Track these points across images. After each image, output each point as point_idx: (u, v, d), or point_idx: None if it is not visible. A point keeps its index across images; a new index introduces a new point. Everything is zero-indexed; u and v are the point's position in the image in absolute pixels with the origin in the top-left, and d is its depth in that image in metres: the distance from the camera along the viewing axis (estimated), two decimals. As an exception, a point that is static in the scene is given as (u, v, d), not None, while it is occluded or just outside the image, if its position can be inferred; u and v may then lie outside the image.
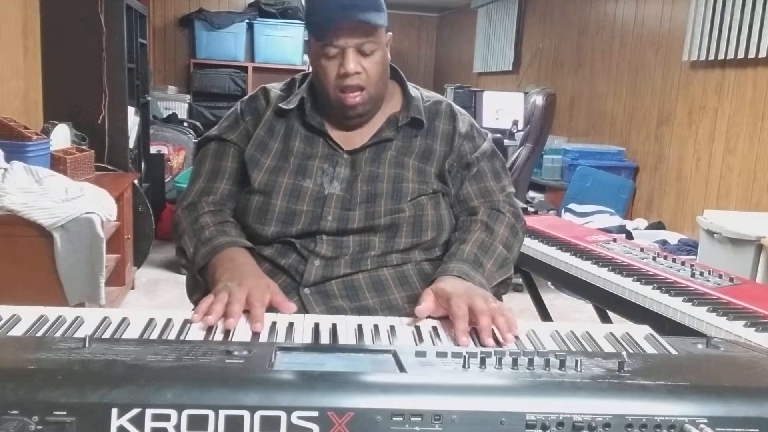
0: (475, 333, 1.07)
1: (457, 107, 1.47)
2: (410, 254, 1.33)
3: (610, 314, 2.13)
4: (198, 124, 5.90)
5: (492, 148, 1.46)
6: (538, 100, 4.13)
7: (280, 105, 1.40)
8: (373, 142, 1.37)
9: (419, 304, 1.14)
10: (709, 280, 1.69)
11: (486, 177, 1.42)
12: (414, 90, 1.45)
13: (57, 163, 3.08)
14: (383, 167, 1.35)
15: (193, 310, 1.12)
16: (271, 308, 1.14)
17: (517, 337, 1.06)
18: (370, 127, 1.39)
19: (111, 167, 3.72)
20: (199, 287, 1.30)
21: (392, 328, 1.09)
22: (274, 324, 1.08)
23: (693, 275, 1.73)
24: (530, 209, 3.92)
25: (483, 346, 1.03)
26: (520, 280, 3.48)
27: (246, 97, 1.49)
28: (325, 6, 1.27)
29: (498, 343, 1.04)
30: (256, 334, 1.04)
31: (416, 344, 1.03)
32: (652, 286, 1.64)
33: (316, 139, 1.38)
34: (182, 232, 1.35)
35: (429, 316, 1.15)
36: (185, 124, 5.83)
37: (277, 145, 1.38)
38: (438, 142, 1.40)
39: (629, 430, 0.73)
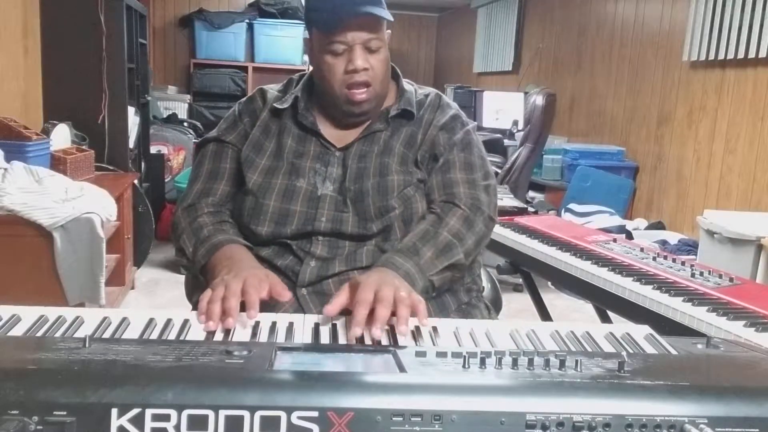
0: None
1: (446, 99, 1.46)
2: None
3: (610, 314, 2.13)
4: (198, 124, 5.91)
5: (466, 139, 1.40)
6: (538, 100, 4.13)
7: (275, 105, 1.41)
8: (362, 136, 1.38)
9: (333, 297, 1.10)
10: (709, 280, 1.69)
11: (453, 168, 1.37)
12: (408, 85, 1.46)
13: (57, 163, 3.08)
14: (370, 159, 1.35)
15: (192, 310, 1.13)
16: (270, 308, 1.14)
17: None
18: (363, 123, 1.40)
19: (111, 167, 3.72)
20: (200, 287, 1.30)
21: (392, 328, 1.09)
22: (274, 324, 1.08)
23: (693, 275, 1.73)
24: (530, 209, 3.92)
25: (372, 336, 1.01)
26: (520, 280, 3.48)
27: (244, 98, 1.49)
28: (331, 1, 1.27)
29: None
30: (255, 334, 1.04)
31: (416, 344, 1.03)
32: (652, 286, 1.64)
33: (308, 138, 1.39)
34: (181, 232, 1.36)
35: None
36: (185, 124, 5.83)
37: (272, 144, 1.39)
38: (420, 130, 1.39)
39: (629, 430, 0.73)
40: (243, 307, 1.11)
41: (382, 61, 1.32)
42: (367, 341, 1.02)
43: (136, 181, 3.78)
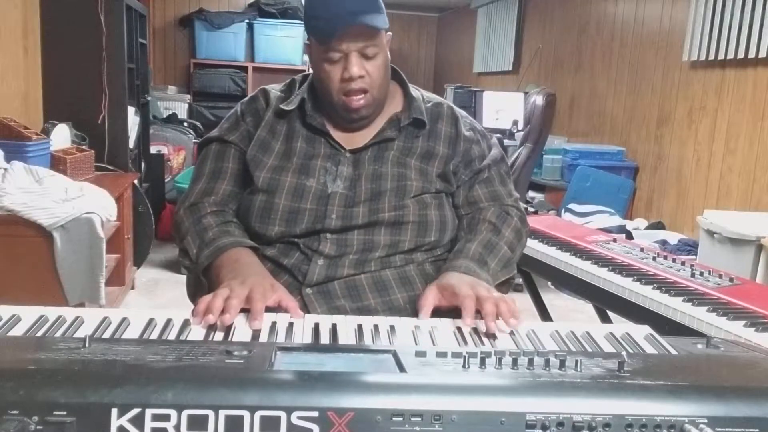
0: (477, 331, 1.09)
1: (458, 110, 1.48)
2: (413, 255, 1.33)
3: (610, 314, 2.13)
4: (198, 124, 5.91)
5: (501, 154, 1.48)
6: (538, 100, 4.13)
7: (281, 106, 1.40)
8: (375, 142, 1.37)
9: (422, 300, 1.17)
10: (709, 280, 1.69)
11: (494, 181, 1.44)
12: (415, 91, 1.45)
13: (57, 163, 3.08)
14: (386, 166, 1.35)
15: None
16: (271, 308, 1.14)
17: (512, 333, 1.08)
18: (372, 127, 1.39)
19: (111, 167, 3.72)
20: (202, 289, 1.29)
21: (392, 328, 1.09)
22: (274, 324, 1.08)
23: (693, 275, 1.73)
24: (530, 209, 3.92)
25: (487, 331, 1.07)
26: (520, 280, 3.48)
27: (246, 98, 1.49)
28: (327, 11, 1.27)
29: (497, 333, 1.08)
30: (256, 334, 1.04)
31: (416, 344, 1.03)
32: (652, 286, 1.64)
33: (317, 140, 1.38)
34: (185, 233, 1.35)
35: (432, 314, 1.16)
36: (185, 124, 5.83)
37: (279, 145, 1.38)
38: (440, 144, 1.40)
39: (629, 430, 0.73)
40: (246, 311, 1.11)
41: (379, 67, 1.32)
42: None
43: (136, 181, 3.78)
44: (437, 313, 1.17)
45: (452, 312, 1.16)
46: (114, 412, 0.68)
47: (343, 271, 1.28)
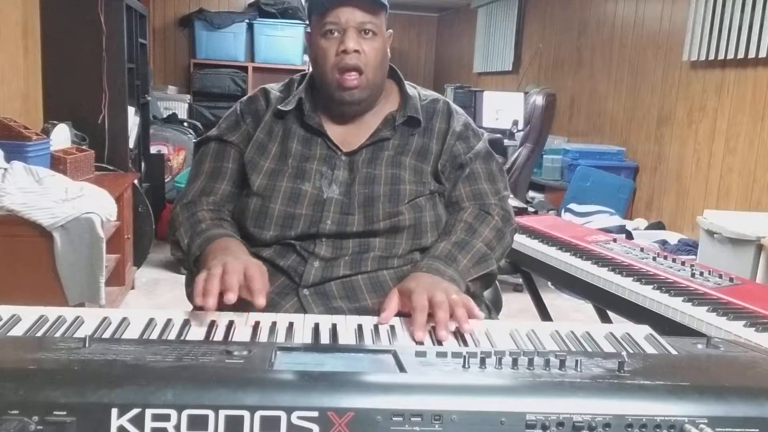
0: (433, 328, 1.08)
1: (454, 106, 1.46)
2: (410, 255, 1.33)
3: (610, 314, 2.13)
4: (198, 124, 5.90)
5: (486, 149, 1.44)
6: (538, 100, 4.13)
7: (279, 107, 1.40)
8: (370, 142, 1.37)
9: (384, 305, 1.15)
10: (709, 280, 1.69)
11: (479, 179, 1.41)
12: (411, 88, 1.45)
13: (57, 163, 3.08)
14: (380, 168, 1.35)
15: (193, 310, 1.12)
16: (271, 308, 1.14)
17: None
18: (368, 127, 1.39)
19: (111, 167, 3.72)
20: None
21: (392, 328, 1.09)
22: (274, 324, 1.08)
23: (693, 275, 1.73)
24: (530, 209, 3.92)
25: (438, 340, 1.05)
26: (520, 280, 3.48)
27: (245, 98, 1.48)
28: None
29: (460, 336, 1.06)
30: (255, 334, 1.04)
31: (416, 344, 1.03)
32: (652, 286, 1.64)
33: (314, 140, 1.38)
34: (178, 225, 1.35)
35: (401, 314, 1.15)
36: (185, 124, 5.82)
37: (276, 147, 1.38)
38: (434, 141, 1.39)
39: (629, 430, 0.73)
40: (242, 307, 1.11)
41: (376, 49, 1.32)
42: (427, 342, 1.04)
43: (136, 181, 3.78)
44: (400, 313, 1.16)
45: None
46: (114, 412, 0.68)
47: (339, 271, 1.28)
